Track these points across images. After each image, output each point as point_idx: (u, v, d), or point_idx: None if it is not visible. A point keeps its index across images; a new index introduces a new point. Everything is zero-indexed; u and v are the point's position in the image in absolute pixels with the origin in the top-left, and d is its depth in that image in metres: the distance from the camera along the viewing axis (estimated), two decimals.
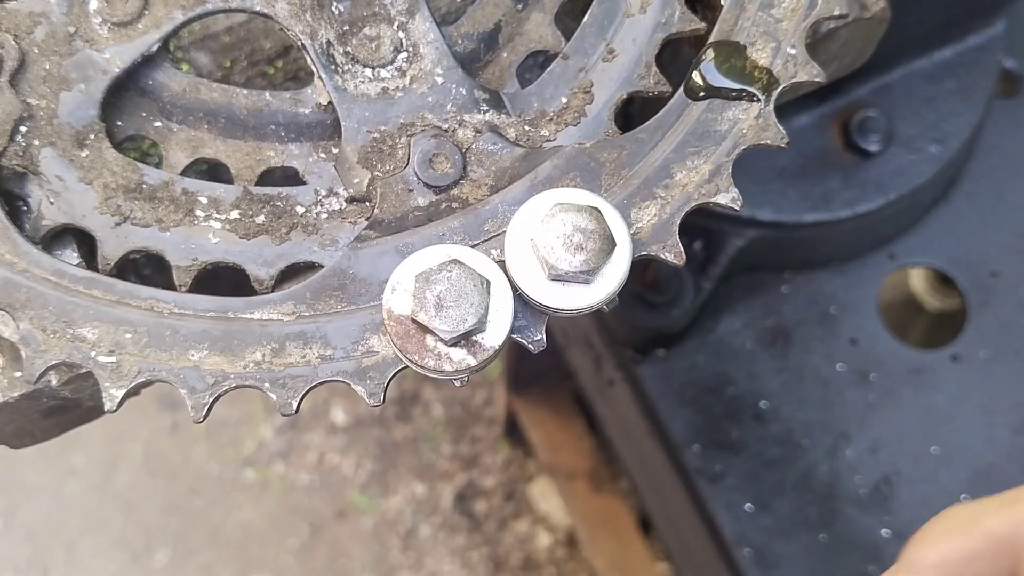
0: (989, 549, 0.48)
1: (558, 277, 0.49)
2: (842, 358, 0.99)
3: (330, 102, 0.57)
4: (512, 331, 0.50)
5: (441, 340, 0.48)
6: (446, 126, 0.57)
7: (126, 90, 0.58)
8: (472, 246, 0.52)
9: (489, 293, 0.49)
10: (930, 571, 0.49)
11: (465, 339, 0.48)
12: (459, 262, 0.49)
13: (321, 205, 0.57)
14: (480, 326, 0.48)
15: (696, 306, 0.93)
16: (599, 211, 0.50)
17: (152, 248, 0.55)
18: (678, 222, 0.53)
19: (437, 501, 1.83)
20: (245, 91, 0.59)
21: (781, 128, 0.54)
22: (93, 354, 0.50)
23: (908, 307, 1.08)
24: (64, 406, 0.58)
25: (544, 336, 0.51)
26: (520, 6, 0.61)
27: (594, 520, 1.64)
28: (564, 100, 0.58)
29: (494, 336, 0.49)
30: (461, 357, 0.48)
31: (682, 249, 0.52)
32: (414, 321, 0.48)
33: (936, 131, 0.95)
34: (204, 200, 0.56)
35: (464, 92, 0.57)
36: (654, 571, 1.56)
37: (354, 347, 0.51)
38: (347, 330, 0.51)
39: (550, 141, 0.57)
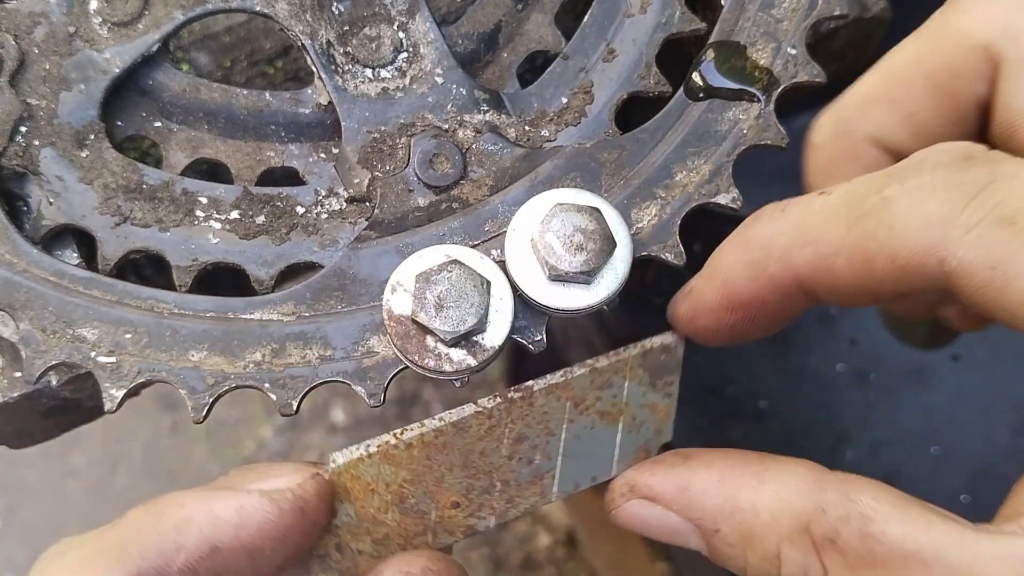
0: (969, 57, 0.44)
1: (558, 277, 0.49)
2: (842, 358, 0.99)
3: (330, 102, 0.57)
4: (512, 331, 0.50)
5: (441, 340, 0.48)
6: (446, 126, 0.57)
7: (126, 90, 0.58)
8: (472, 246, 0.52)
9: (489, 293, 0.49)
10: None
11: (465, 339, 0.48)
12: (459, 262, 0.49)
13: (321, 205, 0.56)
14: (480, 326, 0.48)
15: None
16: (599, 211, 0.50)
17: (152, 248, 0.55)
18: (678, 222, 0.53)
19: None
20: (245, 91, 0.59)
21: (781, 128, 0.54)
22: (93, 354, 0.50)
23: None
24: (64, 406, 0.58)
25: (544, 336, 0.51)
26: (520, 6, 0.61)
27: (594, 520, 1.64)
28: (564, 100, 0.58)
29: (494, 336, 0.49)
30: (461, 357, 0.48)
31: (683, 249, 0.52)
32: (414, 321, 0.48)
33: None
34: (204, 200, 0.56)
35: (464, 92, 0.57)
36: (654, 571, 1.56)
37: (354, 347, 0.51)
38: (347, 330, 0.51)
39: (550, 141, 0.57)
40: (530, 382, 0.48)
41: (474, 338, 0.49)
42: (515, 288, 0.50)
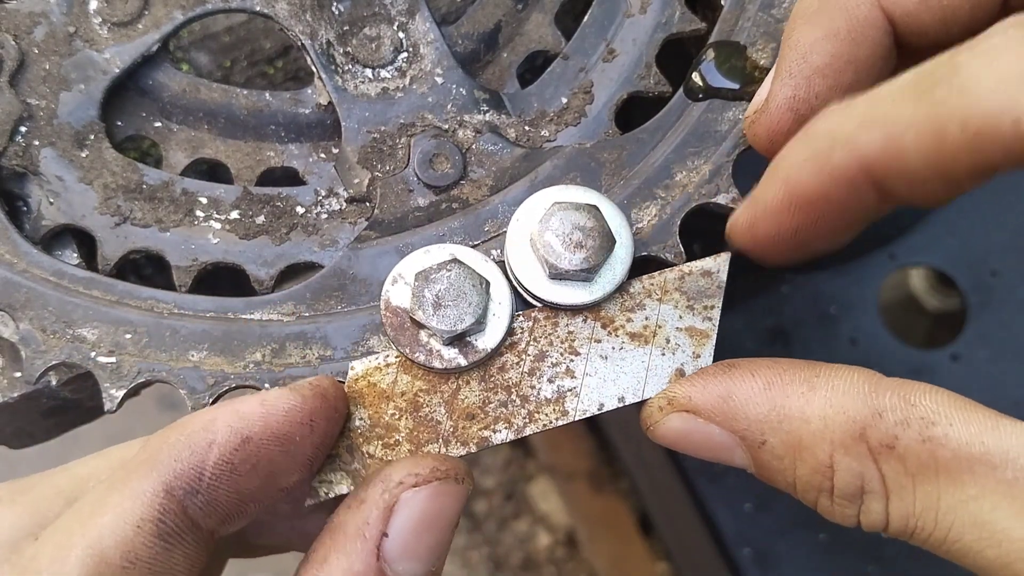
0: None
1: (558, 276, 0.49)
2: (842, 358, 0.98)
3: (330, 102, 0.57)
4: (509, 334, 0.50)
5: (435, 337, 0.48)
6: (446, 126, 0.57)
7: (126, 90, 0.58)
8: (472, 246, 0.52)
9: (488, 295, 0.49)
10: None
11: (460, 339, 0.48)
12: (459, 262, 0.49)
13: (321, 205, 0.57)
14: (477, 327, 0.48)
15: None
16: (598, 209, 0.49)
17: (152, 248, 0.55)
18: (678, 223, 0.53)
19: None
20: (245, 91, 0.59)
21: None
22: (93, 354, 0.50)
23: (908, 307, 1.08)
24: (64, 406, 0.58)
25: None
26: (520, 6, 0.61)
27: (594, 520, 1.64)
28: (564, 100, 0.58)
29: (489, 339, 0.49)
30: (452, 356, 0.48)
31: (683, 250, 0.52)
32: (411, 317, 0.48)
33: None
34: (204, 200, 0.56)
35: (464, 92, 0.57)
36: (654, 571, 1.56)
37: (354, 347, 0.51)
38: (347, 330, 0.51)
39: (550, 141, 0.57)
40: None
41: (468, 339, 0.49)
42: (516, 287, 0.50)
